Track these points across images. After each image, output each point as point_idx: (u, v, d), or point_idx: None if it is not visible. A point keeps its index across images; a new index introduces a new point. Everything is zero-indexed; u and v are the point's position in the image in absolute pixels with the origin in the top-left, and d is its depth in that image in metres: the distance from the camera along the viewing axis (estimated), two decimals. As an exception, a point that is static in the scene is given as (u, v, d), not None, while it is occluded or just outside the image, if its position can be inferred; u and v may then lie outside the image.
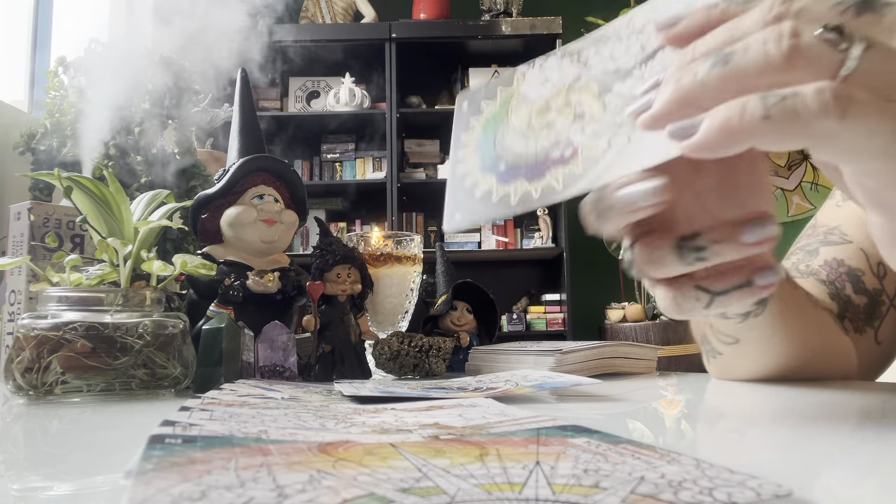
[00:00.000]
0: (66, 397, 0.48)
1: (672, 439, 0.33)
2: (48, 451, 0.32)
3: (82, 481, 0.25)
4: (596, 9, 2.78)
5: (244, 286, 0.62)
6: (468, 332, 0.78)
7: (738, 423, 0.38)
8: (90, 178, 0.55)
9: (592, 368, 0.64)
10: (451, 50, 2.99)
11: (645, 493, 0.17)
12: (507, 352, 0.67)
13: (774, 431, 0.33)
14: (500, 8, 2.97)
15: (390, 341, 0.66)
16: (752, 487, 0.18)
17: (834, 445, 0.29)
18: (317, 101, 3.00)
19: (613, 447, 0.23)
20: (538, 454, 0.22)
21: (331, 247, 0.66)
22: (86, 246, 0.76)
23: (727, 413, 0.42)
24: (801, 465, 0.26)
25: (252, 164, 0.67)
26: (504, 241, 2.97)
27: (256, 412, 0.33)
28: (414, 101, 2.96)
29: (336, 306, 0.65)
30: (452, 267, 0.85)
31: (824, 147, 0.23)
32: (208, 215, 0.66)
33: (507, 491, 0.18)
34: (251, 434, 0.25)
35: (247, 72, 0.73)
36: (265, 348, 0.59)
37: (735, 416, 0.40)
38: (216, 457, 0.21)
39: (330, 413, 0.35)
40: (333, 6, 3.03)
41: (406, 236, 0.80)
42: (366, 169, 2.98)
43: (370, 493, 0.17)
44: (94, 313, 0.50)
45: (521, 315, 2.87)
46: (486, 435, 0.27)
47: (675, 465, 0.21)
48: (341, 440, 0.25)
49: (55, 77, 0.97)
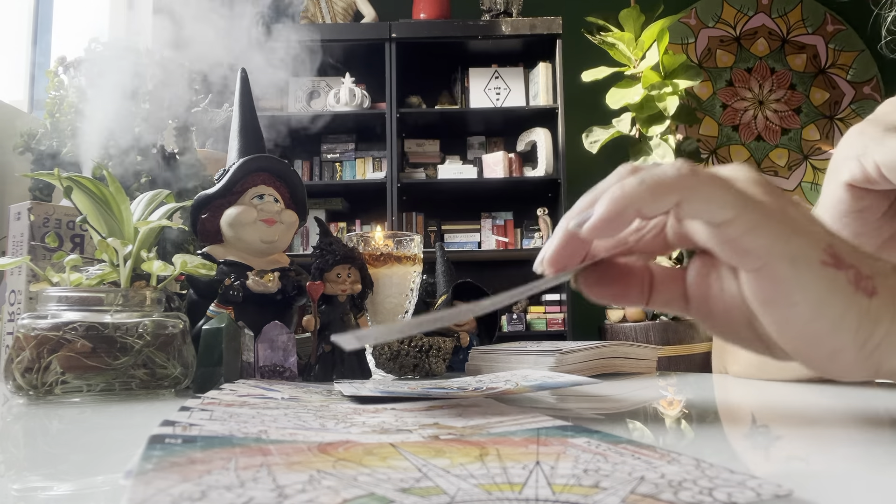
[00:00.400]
0: (66, 397, 0.48)
1: (672, 439, 0.33)
2: (48, 451, 0.32)
3: (82, 481, 0.25)
4: (596, 9, 2.78)
5: (244, 286, 0.62)
6: (468, 332, 0.78)
7: (739, 423, 0.38)
8: (90, 178, 0.55)
9: (592, 368, 0.64)
10: (451, 50, 2.98)
11: (645, 493, 0.17)
12: (507, 352, 0.67)
13: (775, 431, 0.33)
14: (500, 8, 2.97)
15: (390, 341, 0.66)
16: (752, 487, 0.18)
17: (834, 445, 0.29)
18: (317, 101, 3.00)
19: (613, 447, 0.23)
20: (538, 454, 0.22)
21: (331, 247, 0.66)
22: (86, 246, 0.76)
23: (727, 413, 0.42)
24: (802, 465, 0.26)
25: (252, 164, 0.67)
26: (504, 241, 2.97)
27: (256, 412, 0.33)
28: (414, 101, 2.96)
29: (336, 306, 0.65)
30: (452, 267, 0.85)
31: (685, 203, 0.28)
32: (208, 215, 0.66)
33: (507, 491, 0.18)
34: (251, 434, 0.25)
35: (247, 72, 0.73)
36: (265, 348, 0.59)
37: (735, 416, 0.40)
38: (216, 457, 0.21)
39: (330, 413, 0.35)
40: (333, 6, 3.03)
41: (406, 236, 0.80)
42: (366, 169, 2.98)
43: (370, 493, 0.17)
44: (94, 313, 0.50)
45: (521, 315, 2.87)
46: (486, 435, 0.27)
47: (675, 465, 0.21)
48: (341, 440, 0.25)
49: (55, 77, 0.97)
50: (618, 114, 2.64)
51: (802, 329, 0.29)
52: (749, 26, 3.38)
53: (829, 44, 3.36)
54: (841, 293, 0.28)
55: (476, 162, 2.99)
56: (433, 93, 3.08)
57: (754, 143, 3.32)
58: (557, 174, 2.82)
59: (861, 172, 0.34)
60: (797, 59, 3.36)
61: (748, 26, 3.38)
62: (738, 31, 3.38)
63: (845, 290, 0.28)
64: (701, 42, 3.36)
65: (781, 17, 3.39)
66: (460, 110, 2.99)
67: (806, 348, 0.29)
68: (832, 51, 3.35)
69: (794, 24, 3.38)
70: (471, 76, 2.99)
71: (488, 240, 2.97)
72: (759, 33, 3.38)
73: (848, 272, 0.28)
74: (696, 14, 3.37)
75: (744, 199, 0.28)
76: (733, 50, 3.36)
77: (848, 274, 0.28)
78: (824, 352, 0.29)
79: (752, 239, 0.28)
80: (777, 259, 0.28)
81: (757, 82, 3.35)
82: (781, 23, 3.38)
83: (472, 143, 3.15)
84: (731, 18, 3.39)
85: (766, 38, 3.38)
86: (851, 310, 0.28)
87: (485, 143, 3.15)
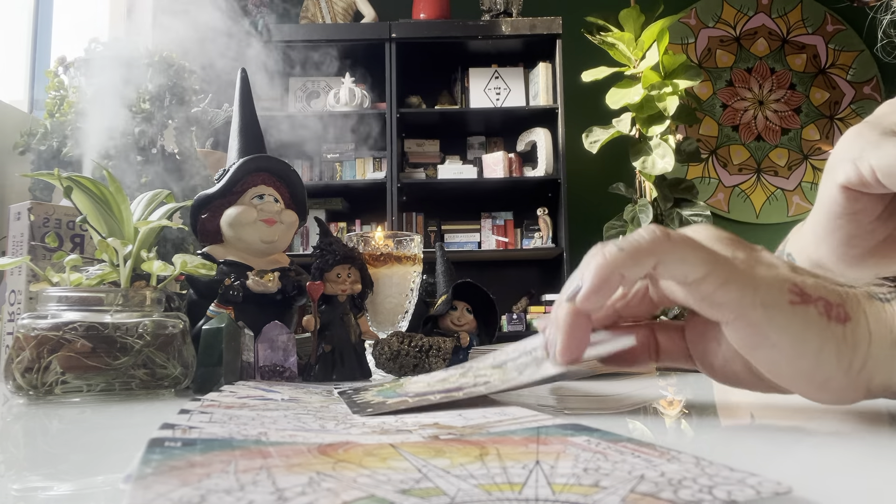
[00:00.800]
0: (66, 397, 0.48)
1: (672, 438, 0.33)
2: (48, 451, 0.32)
3: (82, 481, 0.25)
4: (596, 9, 2.78)
5: (244, 286, 0.62)
6: (468, 332, 0.78)
7: (738, 421, 0.38)
8: (90, 178, 0.55)
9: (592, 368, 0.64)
10: (451, 50, 2.98)
11: (645, 492, 0.17)
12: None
13: (774, 429, 0.33)
14: (500, 8, 2.97)
15: (390, 341, 0.66)
16: (752, 485, 0.18)
17: (834, 443, 0.29)
18: (317, 101, 3.00)
19: (613, 445, 0.23)
20: (538, 453, 0.22)
21: (331, 247, 0.66)
22: (86, 246, 0.76)
23: (727, 411, 0.42)
24: (801, 463, 0.26)
25: (252, 164, 0.67)
26: (504, 241, 2.97)
27: (256, 414, 0.33)
28: (414, 101, 2.96)
29: (336, 306, 0.65)
30: (452, 267, 0.84)
31: (661, 265, 0.31)
32: (208, 215, 0.66)
33: (507, 491, 0.18)
34: (251, 436, 0.25)
35: (247, 72, 0.73)
36: (265, 348, 0.59)
37: (735, 415, 0.40)
38: (216, 460, 0.21)
39: (330, 414, 0.35)
40: (333, 6, 3.03)
41: (406, 236, 0.80)
42: (366, 169, 2.98)
43: (370, 495, 0.17)
44: (94, 313, 0.50)
45: (521, 315, 2.87)
46: (486, 434, 0.27)
47: (674, 463, 0.21)
48: (341, 441, 0.25)
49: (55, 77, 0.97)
50: (618, 114, 2.64)
51: (789, 367, 0.31)
52: (749, 26, 3.38)
53: (829, 44, 3.36)
54: (814, 326, 0.30)
55: (476, 162, 2.99)
56: (433, 93, 3.08)
57: (754, 143, 3.32)
58: (557, 174, 2.82)
59: (856, 175, 0.35)
60: (797, 59, 3.36)
61: (748, 26, 3.38)
62: (738, 31, 3.38)
63: (818, 323, 0.30)
64: (701, 42, 3.36)
65: (781, 18, 3.39)
66: (460, 110, 2.99)
67: (799, 383, 0.31)
68: (832, 51, 3.35)
69: (794, 24, 3.38)
70: (471, 76, 2.99)
71: (488, 240, 2.97)
72: (759, 33, 3.38)
73: (817, 304, 0.30)
74: (696, 14, 3.37)
75: (713, 256, 0.31)
76: (733, 50, 3.36)
77: (818, 306, 0.30)
78: (815, 383, 0.31)
79: (724, 293, 0.30)
80: (749, 308, 0.30)
81: (757, 82, 3.35)
82: (781, 23, 3.39)
83: (472, 143, 3.15)
84: (731, 18, 3.39)
85: (766, 38, 3.38)
86: (829, 341, 0.30)
87: (485, 143, 3.15)
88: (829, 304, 0.30)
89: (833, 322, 0.30)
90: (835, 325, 0.30)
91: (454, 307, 0.78)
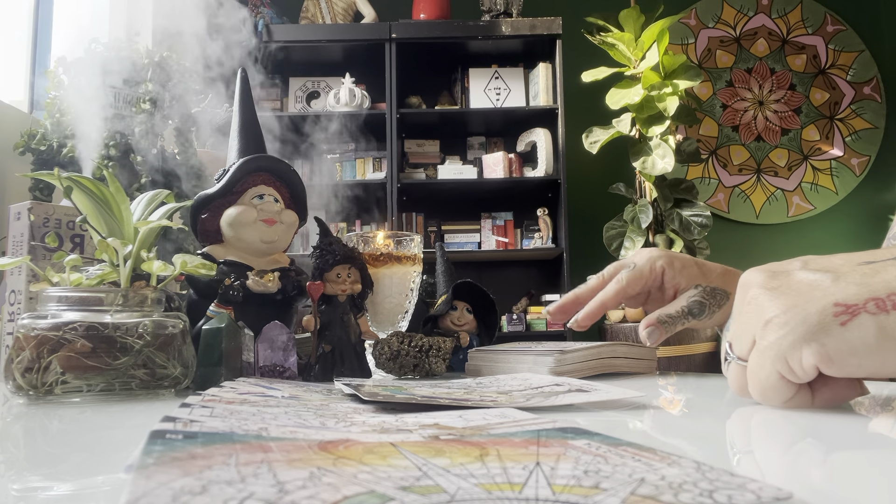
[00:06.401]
0: (66, 397, 0.48)
1: (672, 441, 0.33)
2: (48, 451, 0.32)
3: (82, 481, 0.25)
4: (596, 9, 2.78)
5: (244, 286, 0.62)
6: (468, 332, 0.78)
7: (739, 426, 0.38)
8: (90, 178, 0.55)
9: (592, 368, 0.64)
10: (451, 50, 2.98)
11: (645, 495, 0.17)
12: (506, 352, 0.67)
13: (775, 434, 0.33)
14: (500, 8, 2.97)
15: (390, 341, 0.66)
16: (753, 490, 0.18)
17: (834, 448, 0.29)
18: (317, 101, 3.00)
19: (614, 449, 0.23)
20: (538, 455, 0.22)
21: (331, 247, 0.66)
22: (86, 246, 0.76)
23: (728, 414, 0.42)
24: (802, 468, 0.26)
25: (252, 164, 0.67)
26: (504, 242, 2.97)
27: (257, 410, 0.33)
28: (414, 101, 2.96)
29: (336, 306, 0.65)
30: (452, 267, 0.84)
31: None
32: (208, 215, 0.66)
33: (507, 490, 0.18)
34: (252, 431, 0.25)
35: (247, 72, 0.73)
36: (265, 348, 0.59)
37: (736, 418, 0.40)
38: (217, 452, 0.21)
39: (330, 412, 0.35)
40: (333, 6, 3.02)
41: (406, 236, 0.80)
42: (366, 169, 2.98)
43: (370, 491, 0.17)
44: (94, 313, 0.50)
45: (521, 315, 2.87)
46: (486, 436, 0.27)
47: (675, 467, 0.21)
48: (341, 439, 0.25)
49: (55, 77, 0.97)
50: (618, 114, 2.64)
51: (871, 373, 0.32)
52: (749, 27, 3.38)
53: (829, 44, 3.36)
54: (869, 332, 0.31)
55: (476, 162, 2.99)
56: (433, 93, 3.08)
57: (754, 144, 3.32)
58: (557, 174, 2.82)
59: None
60: (797, 59, 3.36)
61: (748, 27, 3.38)
62: (737, 31, 3.38)
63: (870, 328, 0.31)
64: (701, 42, 3.36)
65: (781, 18, 3.39)
66: (460, 110, 2.99)
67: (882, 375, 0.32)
68: (832, 51, 3.35)
69: (794, 24, 3.38)
70: (471, 76, 2.99)
71: (488, 240, 2.97)
72: (759, 34, 3.38)
73: (867, 307, 0.31)
74: (696, 14, 3.37)
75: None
76: (733, 50, 3.36)
77: (867, 308, 0.31)
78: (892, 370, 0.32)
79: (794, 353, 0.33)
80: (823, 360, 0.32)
81: (757, 83, 3.35)
82: (781, 23, 3.38)
83: (472, 143, 3.15)
84: (730, 19, 3.39)
85: (766, 39, 3.38)
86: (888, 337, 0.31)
87: (485, 143, 3.15)
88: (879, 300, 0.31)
89: (881, 314, 0.31)
90: (882, 317, 0.31)
91: (454, 307, 0.78)
